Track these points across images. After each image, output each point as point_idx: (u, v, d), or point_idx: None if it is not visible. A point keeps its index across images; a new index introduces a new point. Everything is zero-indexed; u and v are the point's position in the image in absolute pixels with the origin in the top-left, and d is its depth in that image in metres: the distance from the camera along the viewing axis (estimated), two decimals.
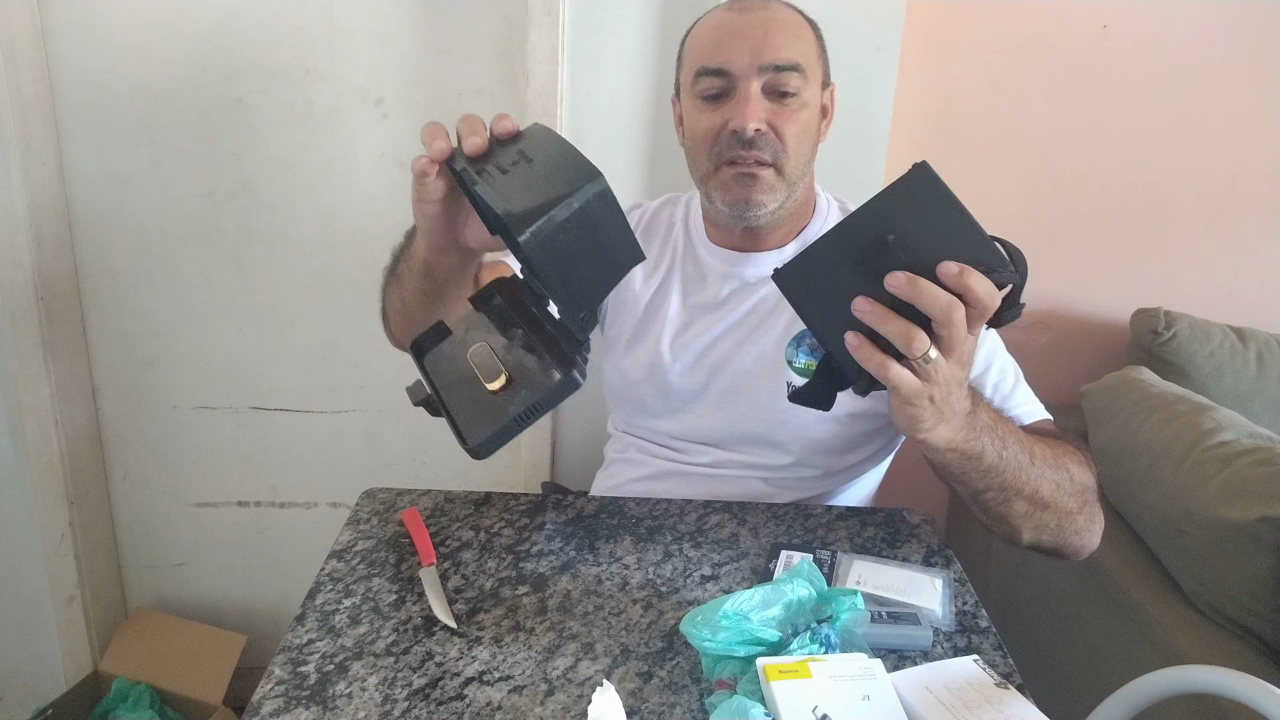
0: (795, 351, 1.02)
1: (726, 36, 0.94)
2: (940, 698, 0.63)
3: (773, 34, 0.93)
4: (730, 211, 0.98)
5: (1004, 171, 1.58)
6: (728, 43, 0.93)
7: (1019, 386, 0.98)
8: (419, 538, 0.86)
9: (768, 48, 0.92)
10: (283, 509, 1.70)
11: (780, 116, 0.93)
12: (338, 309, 1.57)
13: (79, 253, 1.52)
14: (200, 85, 1.44)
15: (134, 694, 1.54)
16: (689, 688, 0.68)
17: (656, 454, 1.10)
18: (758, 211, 0.96)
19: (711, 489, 1.04)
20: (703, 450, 1.07)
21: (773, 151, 0.94)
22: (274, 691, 0.67)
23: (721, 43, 0.94)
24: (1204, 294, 1.64)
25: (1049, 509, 0.84)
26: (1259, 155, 1.58)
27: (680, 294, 1.07)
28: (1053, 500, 0.83)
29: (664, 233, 1.12)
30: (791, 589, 0.69)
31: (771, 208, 0.97)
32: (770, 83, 0.93)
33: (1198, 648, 1.07)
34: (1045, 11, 1.49)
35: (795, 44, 0.94)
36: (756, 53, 0.92)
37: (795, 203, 1.00)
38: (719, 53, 0.93)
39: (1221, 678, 0.53)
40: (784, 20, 0.95)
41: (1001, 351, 0.99)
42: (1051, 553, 0.90)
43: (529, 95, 1.39)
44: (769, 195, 0.96)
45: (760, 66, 0.92)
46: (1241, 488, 1.07)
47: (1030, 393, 0.99)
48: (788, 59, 0.92)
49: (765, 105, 0.93)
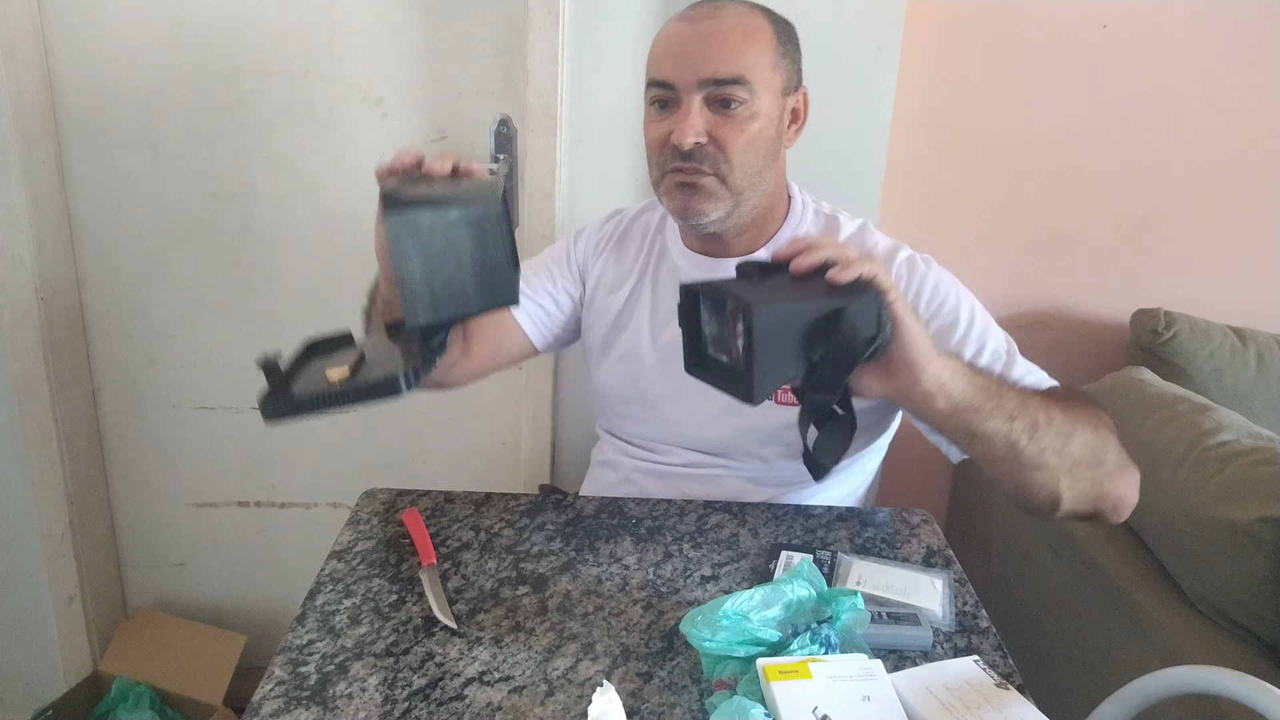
0: None
1: (672, 48, 0.94)
2: (940, 698, 0.63)
3: (715, 47, 0.92)
4: (678, 219, 1.00)
5: (1004, 171, 1.58)
6: (671, 55, 0.94)
7: (1015, 361, 0.96)
8: (419, 538, 0.86)
9: (708, 62, 0.92)
10: (283, 509, 1.70)
11: (723, 128, 0.93)
12: (338, 309, 1.57)
13: (79, 253, 1.52)
14: (200, 85, 1.44)
15: (134, 694, 1.53)
16: (689, 688, 0.68)
17: (634, 455, 1.10)
18: (700, 220, 0.96)
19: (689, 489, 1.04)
20: (678, 452, 1.07)
21: (713, 163, 0.94)
22: (274, 692, 0.67)
23: (667, 54, 0.94)
24: (1204, 294, 1.64)
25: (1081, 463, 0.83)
26: (1259, 155, 1.58)
27: (652, 299, 1.08)
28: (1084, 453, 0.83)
29: (639, 240, 1.12)
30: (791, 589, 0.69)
31: (715, 216, 0.96)
32: (711, 95, 0.93)
33: (1198, 648, 1.06)
34: (1045, 11, 1.49)
35: (740, 56, 0.93)
36: (696, 67, 0.92)
37: (753, 210, 0.99)
38: (664, 65, 0.94)
39: (1221, 678, 0.53)
40: (729, 31, 0.93)
41: (992, 329, 0.98)
42: (1089, 515, 0.88)
43: (529, 95, 1.39)
44: (711, 204, 0.95)
45: (699, 80, 0.92)
46: (1241, 488, 1.07)
47: (1030, 364, 0.97)
48: (729, 72, 0.92)
49: (707, 117, 0.93)
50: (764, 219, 1.03)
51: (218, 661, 1.62)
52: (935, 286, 0.98)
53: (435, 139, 1.47)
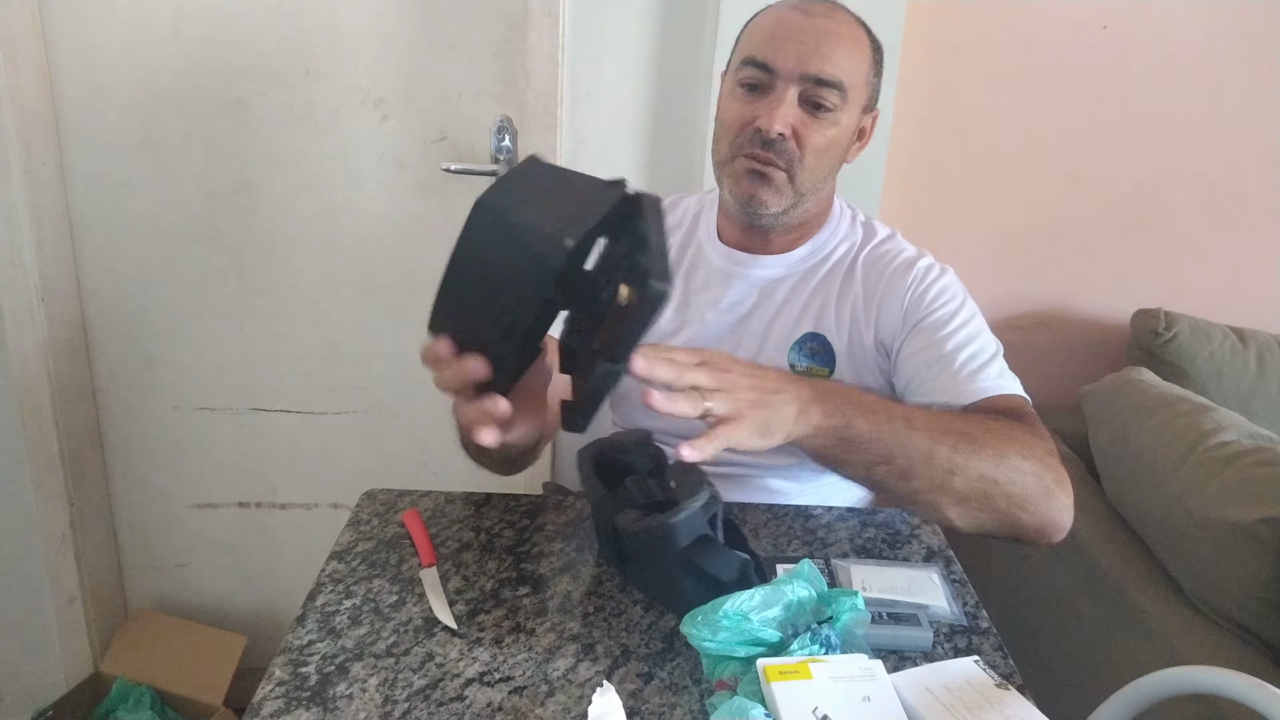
0: (798, 354, 1.02)
1: (781, 33, 0.93)
2: (941, 698, 0.63)
3: (825, 45, 0.92)
4: (736, 204, 0.99)
5: (1004, 171, 1.58)
6: (780, 40, 0.93)
7: (994, 362, 0.96)
8: (419, 539, 0.86)
9: (815, 57, 0.92)
10: (283, 510, 1.70)
11: (807, 127, 0.94)
12: (338, 309, 1.57)
13: (79, 253, 1.52)
14: (200, 86, 1.44)
15: (134, 695, 1.54)
16: (689, 688, 0.68)
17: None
18: (760, 210, 0.97)
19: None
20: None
21: (788, 159, 0.94)
22: (274, 692, 0.67)
23: (775, 38, 0.94)
24: (1204, 294, 1.64)
25: (957, 476, 0.81)
26: (1259, 155, 1.58)
27: (682, 294, 1.07)
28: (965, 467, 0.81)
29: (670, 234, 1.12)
30: (792, 589, 0.69)
31: (775, 210, 0.97)
32: (807, 93, 0.93)
33: (1198, 648, 1.06)
34: (1045, 11, 1.49)
35: (844, 61, 0.93)
36: (803, 59, 0.92)
37: (806, 211, 1.01)
38: (768, 48, 0.93)
39: (1221, 678, 0.53)
40: (842, 35, 0.94)
41: (984, 334, 0.98)
42: (1010, 537, 0.87)
43: (529, 95, 1.39)
44: (775, 197, 0.96)
45: (803, 74, 0.92)
46: (1242, 488, 1.07)
47: (1004, 369, 0.96)
48: (831, 74, 0.92)
49: (796, 112, 0.93)
50: (810, 222, 1.05)
51: (218, 662, 1.62)
52: (941, 289, 1.00)
53: (435, 139, 1.47)
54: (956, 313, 0.98)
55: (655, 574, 0.77)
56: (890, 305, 1.01)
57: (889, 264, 1.03)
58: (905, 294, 1.00)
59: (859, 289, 1.03)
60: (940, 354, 0.96)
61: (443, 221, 1.51)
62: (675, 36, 1.38)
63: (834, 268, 1.05)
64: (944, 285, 1.00)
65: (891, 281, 1.01)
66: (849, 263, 1.05)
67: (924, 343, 0.97)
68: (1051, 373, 1.68)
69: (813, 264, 1.05)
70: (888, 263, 1.03)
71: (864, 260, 1.04)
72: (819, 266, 1.05)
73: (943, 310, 0.98)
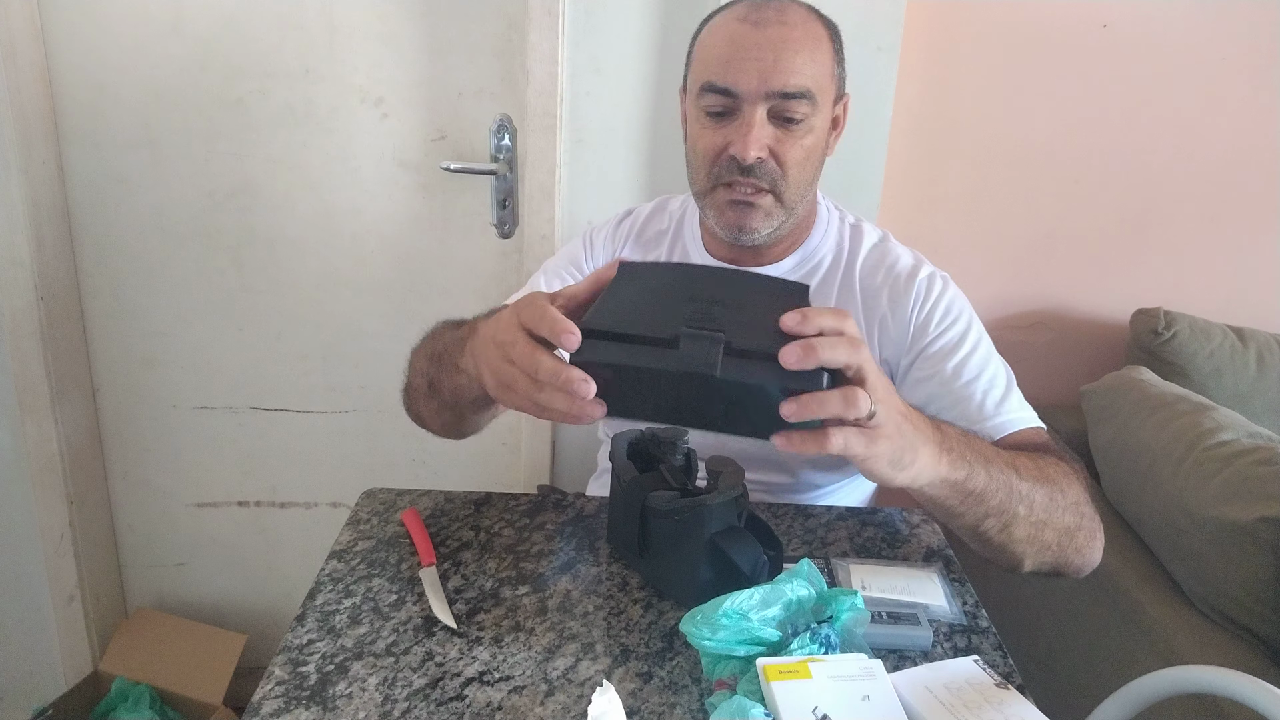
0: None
1: (737, 53, 0.88)
2: (940, 698, 0.63)
3: (785, 56, 0.87)
4: (724, 234, 0.97)
5: (1004, 171, 1.58)
6: (737, 61, 0.88)
7: (1011, 392, 0.95)
8: (419, 538, 0.86)
9: (778, 72, 0.87)
10: (283, 509, 1.70)
11: (783, 143, 0.90)
12: (338, 309, 1.57)
13: (79, 253, 1.52)
14: (200, 85, 1.44)
15: (134, 694, 1.54)
16: (689, 688, 0.68)
17: None
18: (751, 236, 0.95)
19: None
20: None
21: (771, 179, 0.91)
22: (274, 692, 0.67)
23: (731, 60, 0.88)
24: (1204, 294, 1.64)
25: (1047, 526, 0.81)
26: (1259, 155, 1.57)
27: None
28: (1048, 516, 0.80)
29: (654, 243, 1.10)
30: (791, 589, 0.69)
31: (766, 232, 0.95)
32: (776, 109, 0.89)
33: (1198, 648, 1.07)
34: (1045, 11, 1.49)
35: (808, 67, 0.89)
36: (765, 77, 0.87)
37: (796, 221, 0.98)
38: (726, 71, 0.88)
39: (1222, 678, 0.53)
40: (798, 40, 0.89)
41: (994, 358, 0.97)
42: (1051, 574, 0.87)
43: (529, 95, 1.39)
44: (764, 221, 0.94)
45: (768, 92, 0.88)
46: (1241, 488, 1.07)
47: (1022, 399, 0.95)
48: (797, 85, 0.88)
49: (769, 132, 0.89)
50: (799, 228, 1.02)
51: (218, 661, 1.62)
52: (949, 306, 0.98)
53: (435, 139, 1.47)
54: (965, 334, 0.97)
55: (675, 559, 0.77)
56: (894, 324, 0.99)
57: (889, 277, 1.00)
58: (910, 313, 0.98)
59: (859, 303, 1.00)
60: (956, 384, 0.94)
61: (443, 221, 1.52)
62: (675, 36, 1.38)
63: (827, 276, 1.02)
64: (949, 302, 0.98)
65: (894, 298, 0.99)
66: (843, 271, 1.02)
67: (935, 369, 0.95)
68: (1051, 372, 1.68)
69: (804, 271, 1.03)
70: (887, 274, 1.00)
71: (861, 271, 1.02)
72: (810, 275, 1.03)
73: (951, 332, 0.97)
